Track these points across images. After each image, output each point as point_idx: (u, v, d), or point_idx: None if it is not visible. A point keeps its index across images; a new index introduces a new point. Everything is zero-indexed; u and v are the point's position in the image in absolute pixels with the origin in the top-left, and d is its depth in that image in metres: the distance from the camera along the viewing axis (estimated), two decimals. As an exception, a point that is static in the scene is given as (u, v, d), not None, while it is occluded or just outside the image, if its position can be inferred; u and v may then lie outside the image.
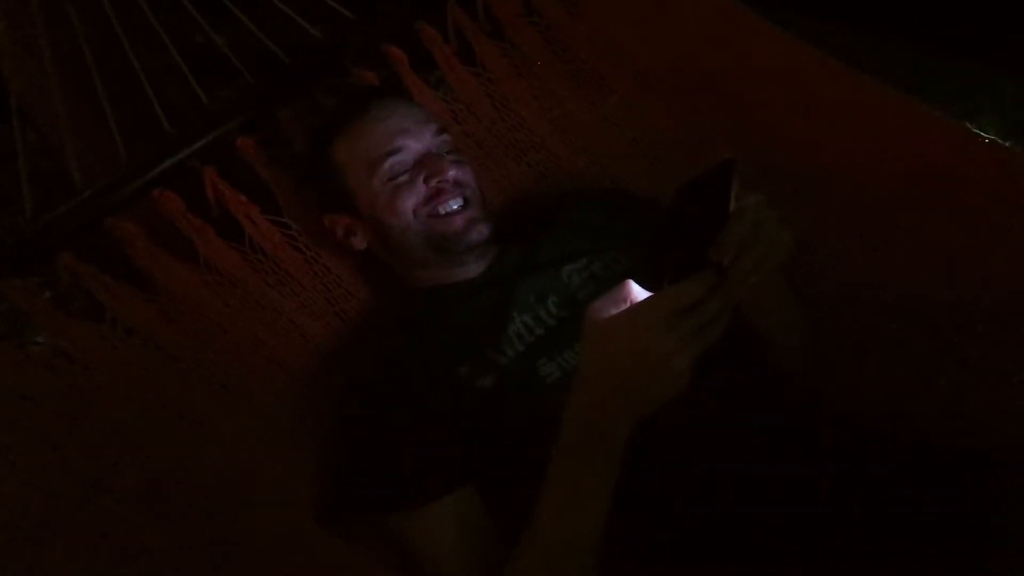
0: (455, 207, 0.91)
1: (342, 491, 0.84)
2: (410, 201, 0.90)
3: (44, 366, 0.84)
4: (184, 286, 0.92)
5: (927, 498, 0.72)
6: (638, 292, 0.61)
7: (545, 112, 1.13)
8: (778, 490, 0.74)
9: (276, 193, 0.99)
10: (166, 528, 0.82)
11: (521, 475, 0.78)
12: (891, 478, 0.74)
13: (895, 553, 0.70)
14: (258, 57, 1.06)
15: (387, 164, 0.90)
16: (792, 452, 0.76)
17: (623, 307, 0.60)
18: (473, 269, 0.94)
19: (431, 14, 1.07)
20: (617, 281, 0.87)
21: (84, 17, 1.10)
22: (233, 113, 0.99)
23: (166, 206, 0.93)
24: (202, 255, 0.93)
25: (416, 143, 0.92)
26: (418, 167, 0.91)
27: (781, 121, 1.04)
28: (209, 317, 0.92)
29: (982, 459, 0.75)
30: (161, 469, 0.85)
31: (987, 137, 1.00)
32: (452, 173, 0.91)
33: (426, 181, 0.90)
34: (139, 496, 0.83)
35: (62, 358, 0.85)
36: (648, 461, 0.71)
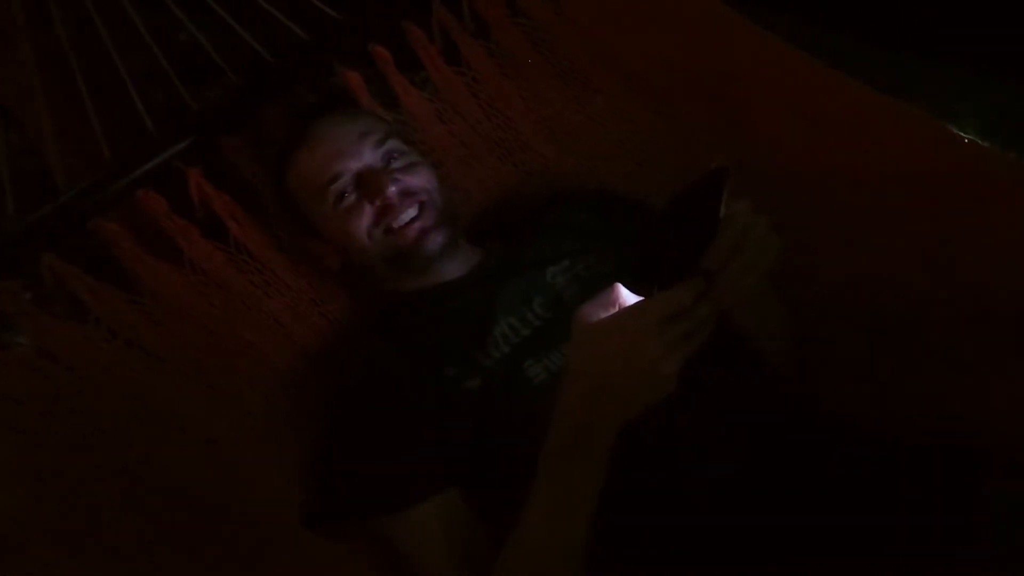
0: (406, 219, 0.90)
1: (328, 494, 0.84)
2: (362, 223, 0.89)
3: (28, 367, 0.84)
4: (169, 287, 0.92)
5: (916, 498, 0.73)
6: (627, 296, 0.61)
7: (531, 112, 1.13)
8: (766, 490, 0.74)
9: (261, 193, 0.99)
10: (155, 529, 0.82)
11: (508, 477, 0.78)
12: (880, 479, 0.75)
13: (883, 552, 0.71)
14: (244, 57, 1.06)
15: (330, 191, 0.89)
16: (780, 453, 0.77)
17: (612, 310, 0.61)
18: (457, 270, 0.93)
19: (417, 14, 1.07)
20: (602, 282, 0.87)
21: (66, 15, 1.09)
22: (218, 113, 0.99)
23: (150, 207, 0.93)
24: (187, 256, 0.93)
25: (354, 163, 0.90)
26: (359, 188, 0.89)
27: (767, 123, 1.04)
28: (194, 318, 0.92)
29: (970, 459, 0.76)
30: (148, 470, 0.85)
31: (967, 138, 1.01)
32: (393, 189, 0.89)
33: (370, 202, 0.89)
34: (126, 497, 0.83)
35: (46, 359, 0.84)
36: (635, 462, 0.71)
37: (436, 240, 0.90)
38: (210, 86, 1.08)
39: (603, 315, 0.61)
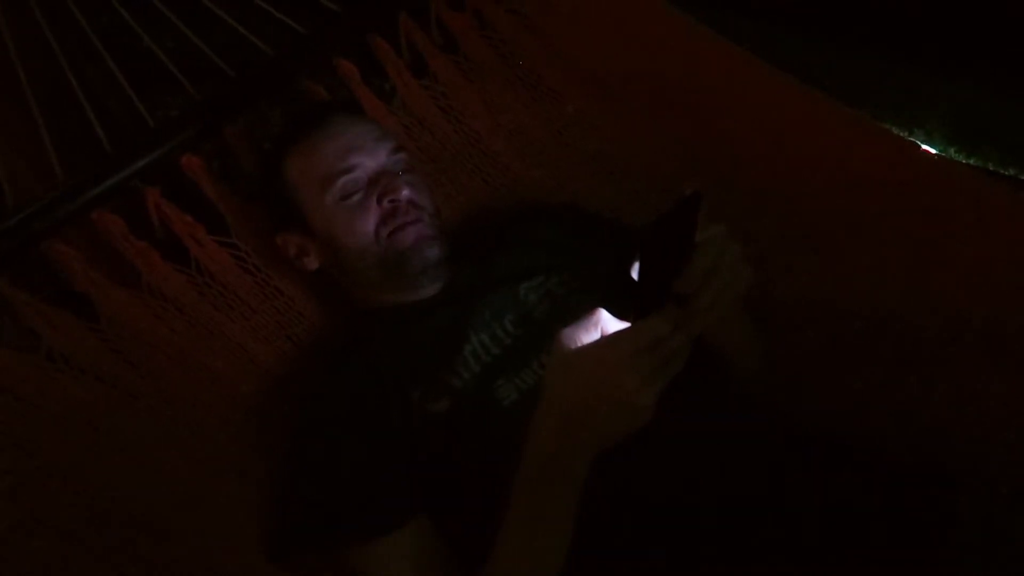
0: (408, 220, 0.88)
1: (293, 525, 0.81)
2: (370, 222, 0.87)
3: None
4: (126, 312, 0.88)
5: (887, 515, 0.73)
6: (608, 319, 0.61)
7: (500, 126, 1.11)
8: (744, 513, 0.74)
9: (224, 213, 0.96)
10: (112, 562, 0.80)
11: (479, 501, 0.77)
12: (851, 495, 0.75)
13: (849, 569, 0.71)
14: (206, 69, 1.02)
15: (340, 183, 0.88)
16: (757, 475, 0.76)
17: (593, 334, 0.61)
18: (428, 290, 0.92)
19: (383, 28, 1.05)
20: (574, 299, 0.88)
21: (14, 22, 1.05)
22: (177, 130, 0.96)
23: (106, 228, 0.90)
24: (145, 279, 0.90)
25: (370, 161, 0.89)
26: (371, 186, 0.88)
27: (735, 137, 1.05)
28: (153, 344, 0.89)
29: (940, 475, 0.77)
30: (104, 503, 0.82)
31: (935, 152, 1.02)
32: (406, 192, 0.88)
33: (379, 201, 0.88)
34: (82, 531, 0.80)
35: (-6, 390, 0.81)
36: (609, 490, 0.71)
37: (435, 251, 0.89)
38: (172, 95, 1.05)
39: (584, 339, 0.61)
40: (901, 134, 1.19)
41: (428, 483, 0.79)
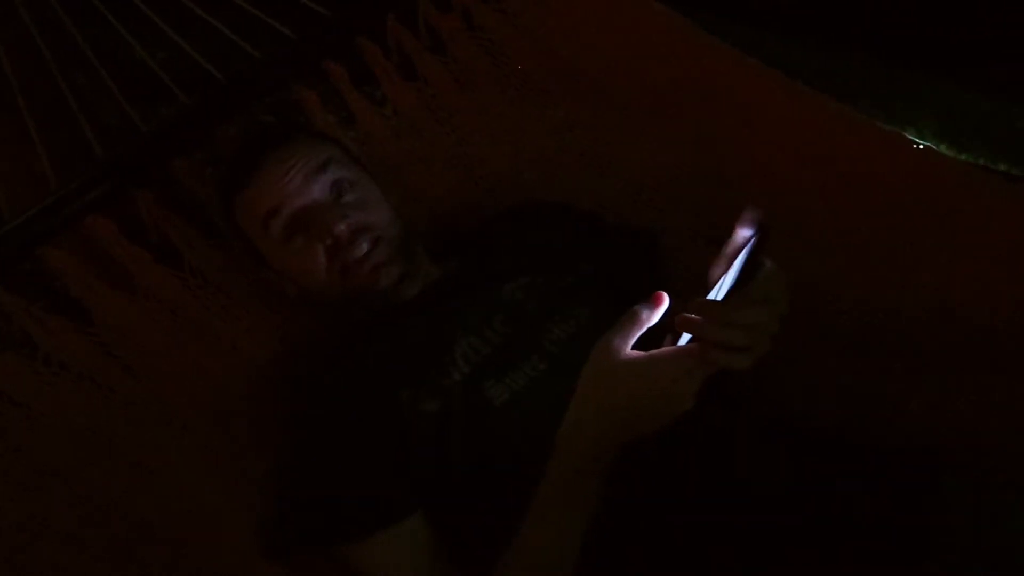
0: (360, 254, 0.86)
1: (289, 523, 0.82)
2: (319, 264, 0.86)
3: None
4: (121, 316, 0.89)
5: (871, 502, 0.74)
6: (648, 316, 0.65)
7: (490, 126, 1.12)
8: (724, 491, 0.75)
9: (216, 215, 0.97)
10: (111, 563, 0.81)
11: (473, 499, 0.78)
12: (836, 481, 0.75)
13: (838, 556, 0.71)
14: (198, 75, 1.03)
15: (273, 227, 0.87)
16: (739, 454, 0.77)
17: (635, 334, 0.65)
18: (414, 288, 0.91)
19: (372, 30, 1.06)
20: (562, 297, 0.88)
21: (5, 32, 1.06)
22: (169, 135, 0.97)
23: (99, 233, 0.90)
24: (139, 283, 0.90)
25: (299, 199, 0.87)
26: (309, 225, 0.86)
27: (727, 134, 1.05)
28: (148, 347, 0.90)
29: (926, 463, 0.77)
30: (100, 507, 0.83)
31: (920, 143, 1.02)
32: (342, 227, 0.85)
33: (320, 241, 0.86)
34: (81, 533, 0.81)
35: (-7, 395, 0.82)
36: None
37: (390, 275, 0.88)
38: (166, 103, 1.06)
39: (626, 344, 0.65)
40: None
41: (423, 481, 0.79)
